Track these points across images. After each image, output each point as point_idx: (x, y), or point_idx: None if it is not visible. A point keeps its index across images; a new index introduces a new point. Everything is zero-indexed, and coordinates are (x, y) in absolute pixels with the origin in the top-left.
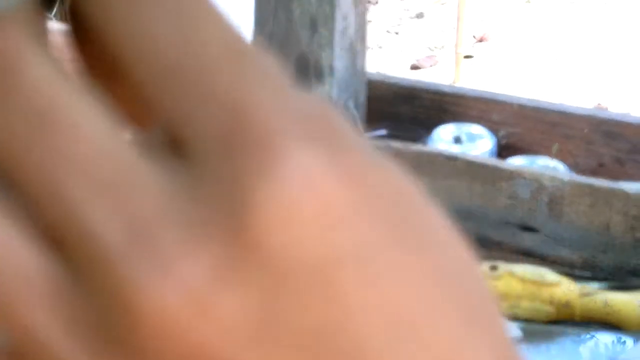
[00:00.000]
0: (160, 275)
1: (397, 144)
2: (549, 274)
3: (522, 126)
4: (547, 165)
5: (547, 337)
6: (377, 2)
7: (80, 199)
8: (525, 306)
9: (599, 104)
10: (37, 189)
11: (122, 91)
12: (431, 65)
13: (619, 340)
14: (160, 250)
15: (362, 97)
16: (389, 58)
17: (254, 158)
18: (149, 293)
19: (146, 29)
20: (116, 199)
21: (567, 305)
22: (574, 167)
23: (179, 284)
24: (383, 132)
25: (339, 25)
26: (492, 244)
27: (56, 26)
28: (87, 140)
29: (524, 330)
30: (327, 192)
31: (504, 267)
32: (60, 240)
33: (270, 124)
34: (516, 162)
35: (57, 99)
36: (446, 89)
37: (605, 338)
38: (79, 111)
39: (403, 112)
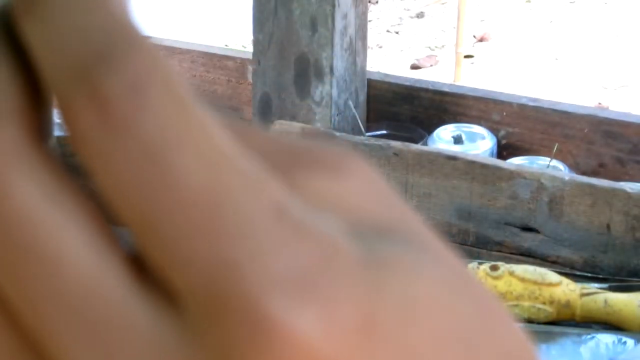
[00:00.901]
0: None
1: (397, 144)
2: (549, 274)
3: (522, 126)
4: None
5: (548, 337)
6: (377, 2)
7: (64, 339)
8: (525, 306)
9: (599, 104)
10: (26, 319)
11: None
12: (431, 65)
13: (619, 340)
14: None
15: (362, 97)
16: (389, 58)
17: (238, 324)
18: None
19: (117, 176)
20: (100, 344)
21: (567, 305)
22: (574, 167)
23: None
24: (383, 132)
25: (339, 25)
26: (492, 244)
27: None
28: (74, 275)
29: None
30: (318, 350)
31: (504, 267)
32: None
33: (251, 287)
34: (516, 162)
35: (43, 229)
36: (446, 89)
37: (605, 338)
38: (65, 239)
39: (403, 112)
